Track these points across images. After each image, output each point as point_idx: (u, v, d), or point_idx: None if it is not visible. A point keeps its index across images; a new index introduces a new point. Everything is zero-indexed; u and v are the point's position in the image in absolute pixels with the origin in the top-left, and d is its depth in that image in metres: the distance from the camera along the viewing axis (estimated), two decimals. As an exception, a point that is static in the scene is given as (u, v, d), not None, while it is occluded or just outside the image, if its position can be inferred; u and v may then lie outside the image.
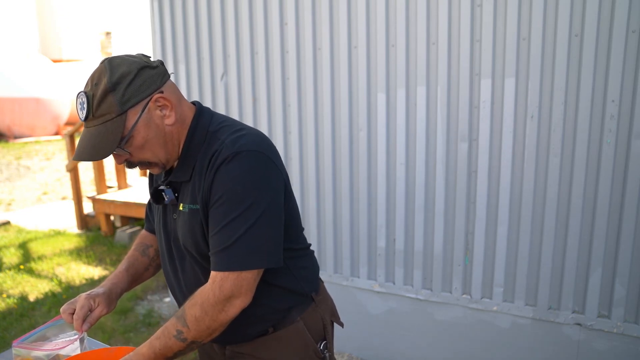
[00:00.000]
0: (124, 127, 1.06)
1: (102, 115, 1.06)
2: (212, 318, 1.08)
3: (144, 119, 1.08)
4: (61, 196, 7.49)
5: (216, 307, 1.08)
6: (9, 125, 13.22)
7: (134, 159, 1.13)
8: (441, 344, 2.65)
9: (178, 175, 1.19)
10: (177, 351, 1.11)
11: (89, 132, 1.08)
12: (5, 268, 4.50)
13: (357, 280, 2.80)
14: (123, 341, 3.16)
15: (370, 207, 2.69)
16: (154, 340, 1.12)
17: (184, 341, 1.09)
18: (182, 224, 1.19)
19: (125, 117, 1.06)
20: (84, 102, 1.07)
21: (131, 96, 1.06)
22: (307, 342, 1.29)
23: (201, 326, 1.08)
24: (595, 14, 2.06)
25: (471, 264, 2.50)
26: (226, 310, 1.08)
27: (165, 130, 1.12)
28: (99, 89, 1.05)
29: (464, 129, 2.39)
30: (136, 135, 1.08)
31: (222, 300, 1.08)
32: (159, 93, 1.09)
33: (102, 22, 20.63)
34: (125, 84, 1.05)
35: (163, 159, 1.15)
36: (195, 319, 1.08)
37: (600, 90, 2.12)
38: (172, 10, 3.10)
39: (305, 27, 2.68)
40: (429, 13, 2.37)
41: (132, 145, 1.09)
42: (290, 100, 2.80)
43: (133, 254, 1.45)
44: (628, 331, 2.22)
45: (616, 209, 2.17)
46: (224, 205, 1.08)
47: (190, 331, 1.09)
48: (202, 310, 1.08)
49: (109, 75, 1.05)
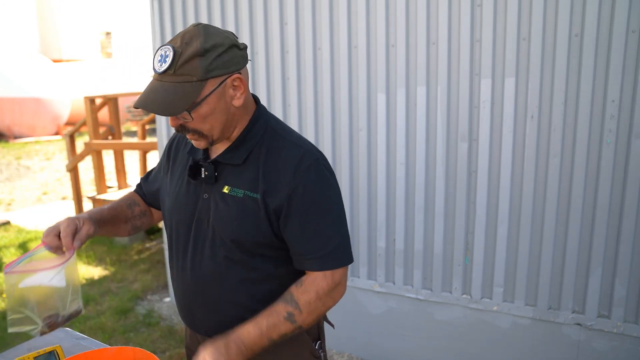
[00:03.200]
0: (198, 94, 1.07)
1: (183, 74, 1.05)
2: (324, 303, 1.18)
3: (218, 93, 1.09)
4: (61, 196, 7.49)
5: (329, 294, 1.18)
6: (9, 125, 13.22)
7: (190, 126, 1.12)
8: (441, 344, 2.65)
9: (228, 157, 1.19)
10: (284, 333, 1.15)
11: (162, 87, 1.07)
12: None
13: (357, 280, 2.80)
14: (123, 341, 3.16)
15: (370, 207, 2.69)
16: (261, 319, 1.14)
17: (294, 323, 1.15)
18: (224, 207, 1.17)
19: (204, 85, 1.07)
20: (169, 56, 1.05)
21: (216, 68, 1.07)
22: (304, 342, 1.30)
23: (313, 311, 1.17)
24: (595, 14, 2.06)
25: (471, 264, 2.50)
26: (333, 297, 1.20)
27: (230, 110, 1.14)
28: (188, 49, 1.04)
29: (464, 129, 2.39)
30: (205, 105, 1.09)
31: (333, 288, 1.18)
32: (238, 74, 1.11)
33: (102, 22, 20.63)
34: (215, 54, 1.06)
35: (216, 135, 1.15)
36: (309, 303, 1.16)
37: (600, 90, 2.12)
38: (172, 10, 3.10)
39: (305, 27, 2.68)
40: (429, 13, 2.37)
41: (197, 113, 1.09)
42: (290, 100, 2.80)
43: (119, 204, 1.43)
44: (628, 331, 2.22)
45: (616, 209, 2.17)
46: (318, 209, 1.17)
47: (302, 314, 1.15)
48: (317, 296, 1.16)
49: (202, 40, 1.05)
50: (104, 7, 20.63)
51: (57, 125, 13.93)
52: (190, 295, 1.27)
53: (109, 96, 5.76)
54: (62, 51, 19.22)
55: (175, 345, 3.08)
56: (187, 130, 1.13)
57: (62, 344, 1.38)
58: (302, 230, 1.16)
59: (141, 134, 6.51)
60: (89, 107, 5.49)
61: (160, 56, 1.07)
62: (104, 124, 6.24)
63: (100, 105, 5.76)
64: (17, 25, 18.21)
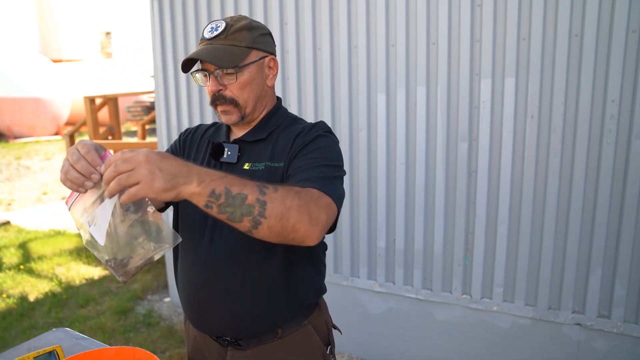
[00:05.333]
0: (245, 58, 1.19)
1: (233, 39, 1.18)
2: (298, 208, 0.96)
3: (258, 65, 1.22)
4: (61, 196, 7.49)
5: (309, 204, 0.98)
6: (9, 125, 13.22)
7: (229, 93, 1.20)
8: (441, 344, 2.65)
9: (253, 135, 1.26)
10: (240, 195, 0.92)
11: (213, 47, 1.17)
12: (5, 268, 4.50)
13: (357, 280, 2.80)
14: (123, 341, 3.16)
15: (370, 207, 2.69)
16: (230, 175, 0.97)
17: (260, 194, 0.94)
18: None
19: (249, 52, 1.19)
20: (220, 26, 1.19)
21: (259, 42, 1.21)
22: (316, 346, 1.29)
23: (284, 202, 0.95)
24: (595, 14, 2.06)
25: (471, 264, 2.50)
26: (309, 212, 0.97)
27: (264, 87, 1.25)
28: (238, 23, 1.19)
29: (464, 129, 2.39)
30: (247, 73, 1.19)
31: (314, 205, 0.99)
32: (273, 56, 1.26)
33: (102, 22, 20.63)
34: (259, 32, 1.22)
35: (249, 109, 1.23)
36: (287, 192, 0.97)
37: (600, 90, 2.12)
38: (172, 10, 3.10)
39: (305, 27, 2.68)
40: (429, 13, 2.37)
41: (238, 79, 1.19)
42: (290, 100, 2.80)
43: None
44: (628, 331, 2.22)
45: (616, 209, 2.17)
46: (323, 152, 1.17)
47: (274, 193, 0.95)
48: (298, 195, 0.97)
49: (249, 21, 1.21)
50: (104, 7, 20.62)
51: (57, 125, 13.92)
52: (203, 284, 1.24)
53: (109, 96, 5.76)
54: (62, 51, 19.22)
55: (175, 345, 3.08)
56: (223, 98, 1.20)
57: (62, 344, 1.37)
58: (310, 157, 1.16)
59: (141, 134, 6.51)
60: (89, 107, 5.49)
61: (211, 28, 1.20)
62: (104, 124, 6.24)
63: (100, 105, 5.76)
64: (17, 25, 18.21)
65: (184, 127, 3.24)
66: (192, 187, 0.89)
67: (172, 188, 0.88)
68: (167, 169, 0.87)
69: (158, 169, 0.86)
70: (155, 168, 0.86)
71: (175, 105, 3.25)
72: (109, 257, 1.00)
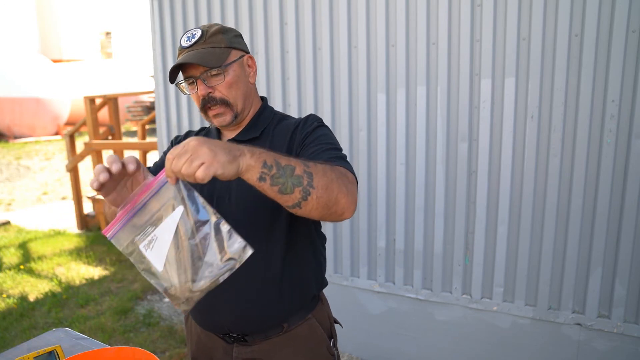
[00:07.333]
0: (227, 58, 1.22)
1: (212, 42, 1.21)
2: (339, 184, 1.00)
3: (240, 63, 1.25)
4: (61, 196, 7.49)
5: (343, 178, 1.03)
6: (9, 125, 13.23)
7: (218, 94, 1.22)
8: (441, 344, 2.65)
9: (246, 134, 1.28)
10: (290, 166, 0.95)
11: (196, 51, 1.20)
12: (5, 268, 4.50)
13: (357, 280, 2.80)
14: (123, 341, 3.16)
15: (370, 207, 2.69)
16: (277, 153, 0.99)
17: (307, 167, 0.97)
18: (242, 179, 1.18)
19: (230, 52, 1.23)
20: (197, 34, 1.22)
21: (236, 42, 1.26)
22: (321, 340, 1.31)
23: (327, 173, 0.99)
24: (595, 14, 2.06)
25: (471, 264, 2.50)
26: (345, 187, 1.01)
27: (248, 84, 1.29)
28: (212, 28, 1.23)
29: (464, 129, 2.39)
30: (231, 72, 1.22)
31: (347, 180, 1.04)
32: (250, 55, 1.30)
33: (102, 22, 20.64)
34: (233, 34, 1.27)
35: (239, 107, 1.26)
36: (324, 165, 1.01)
37: (600, 90, 2.12)
38: (172, 10, 3.10)
39: (305, 27, 2.68)
40: (429, 13, 2.37)
41: (225, 79, 1.21)
42: (290, 100, 2.80)
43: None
44: (628, 331, 2.22)
45: (616, 209, 2.17)
46: (328, 138, 1.20)
47: (315, 167, 0.98)
48: (332, 169, 1.01)
49: (221, 25, 1.26)
50: (104, 7, 20.63)
51: (57, 125, 13.93)
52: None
53: (109, 96, 5.76)
54: (62, 51, 19.23)
55: (175, 345, 3.08)
56: (214, 100, 1.22)
57: (62, 344, 1.38)
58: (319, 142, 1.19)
59: (141, 134, 6.51)
60: (88, 107, 5.49)
61: (187, 37, 1.23)
62: (104, 124, 6.24)
63: (100, 105, 5.76)
64: (17, 25, 18.21)
65: (184, 127, 3.24)
66: (246, 159, 0.91)
67: (234, 159, 0.89)
68: (220, 145, 0.89)
69: (214, 146, 0.88)
70: (212, 145, 0.88)
71: (175, 105, 3.25)
72: (167, 285, 0.93)
